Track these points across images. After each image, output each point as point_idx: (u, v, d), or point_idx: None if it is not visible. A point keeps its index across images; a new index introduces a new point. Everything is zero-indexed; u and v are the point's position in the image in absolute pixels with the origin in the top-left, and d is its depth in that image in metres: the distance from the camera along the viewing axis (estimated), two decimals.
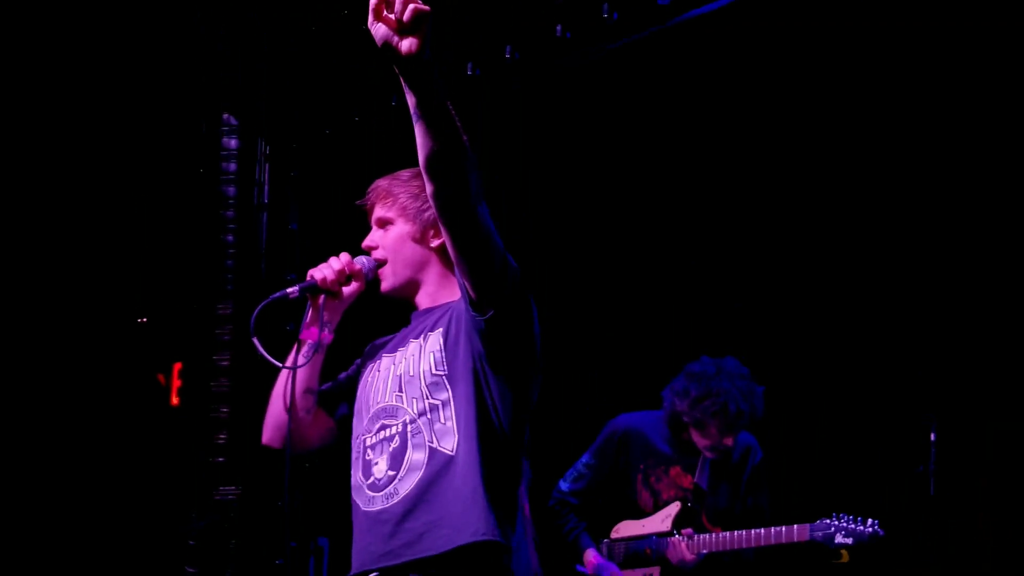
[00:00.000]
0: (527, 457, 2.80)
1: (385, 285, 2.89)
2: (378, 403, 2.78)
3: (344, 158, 4.93)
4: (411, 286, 2.88)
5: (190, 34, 4.81)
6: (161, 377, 5.62)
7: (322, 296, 2.86)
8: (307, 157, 4.86)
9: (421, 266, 2.87)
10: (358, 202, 2.92)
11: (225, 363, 4.60)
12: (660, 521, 4.53)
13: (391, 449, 2.71)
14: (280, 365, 2.83)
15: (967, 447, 5.47)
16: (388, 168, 3.01)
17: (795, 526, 4.38)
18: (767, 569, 4.77)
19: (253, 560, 4.33)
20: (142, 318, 5.77)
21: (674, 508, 4.51)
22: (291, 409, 2.82)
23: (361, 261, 2.89)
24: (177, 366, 5.45)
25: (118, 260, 5.59)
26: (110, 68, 5.09)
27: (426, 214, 2.83)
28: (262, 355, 2.75)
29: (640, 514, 4.60)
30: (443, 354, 2.71)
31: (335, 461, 3.04)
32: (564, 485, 4.69)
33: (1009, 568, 5.53)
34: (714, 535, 4.45)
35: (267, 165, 4.73)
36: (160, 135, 5.20)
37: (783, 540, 4.38)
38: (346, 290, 2.88)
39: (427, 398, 2.70)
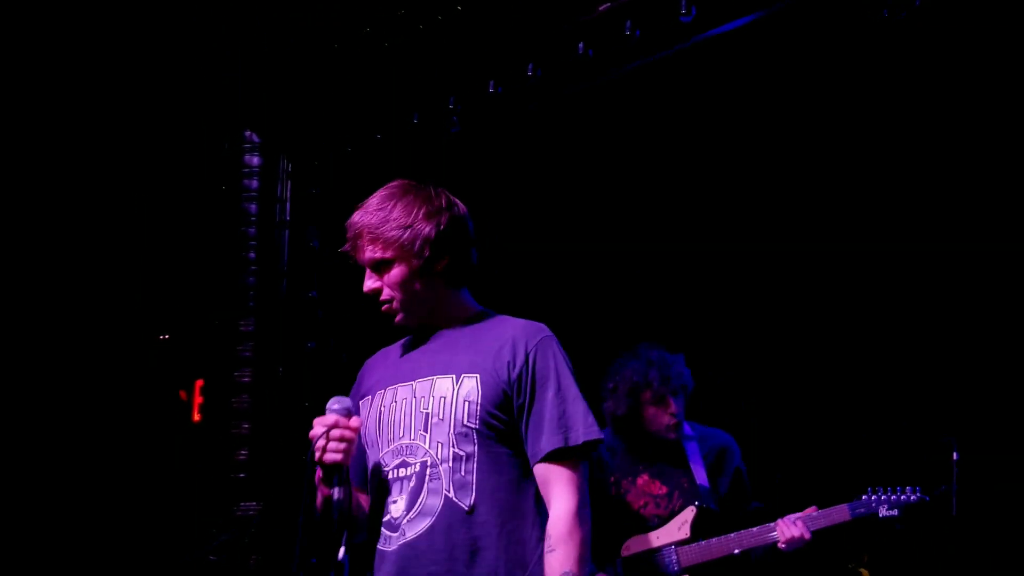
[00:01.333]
0: None
1: (400, 321, 2.76)
2: (400, 438, 2.69)
3: (365, 176, 4.95)
4: (428, 316, 2.77)
5: (213, 53, 4.84)
6: (183, 394, 5.64)
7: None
8: (328, 175, 4.87)
9: (433, 295, 2.75)
10: (342, 249, 2.77)
11: (246, 380, 4.63)
12: (676, 529, 4.29)
13: (409, 488, 2.65)
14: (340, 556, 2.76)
15: (989, 468, 5.44)
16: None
17: (832, 508, 4.23)
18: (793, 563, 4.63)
19: (274, 575, 4.33)
20: (164, 335, 5.80)
21: (689, 513, 4.27)
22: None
23: (344, 405, 2.68)
24: (199, 383, 5.47)
25: (140, 277, 5.62)
26: (134, 86, 5.12)
27: (427, 243, 2.70)
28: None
29: (636, 529, 4.39)
30: (478, 407, 2.63)
31: None
32: None
33: None
34: (740, 535, 4.20)
35: (289, 183, 4.76)
36: (183, 153, 5.22)
37: (822, 525, 4.18)
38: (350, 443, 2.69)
39: (452, 446, 2.63)
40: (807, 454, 5.92)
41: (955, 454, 4.68)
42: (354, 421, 2.62)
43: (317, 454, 2.58)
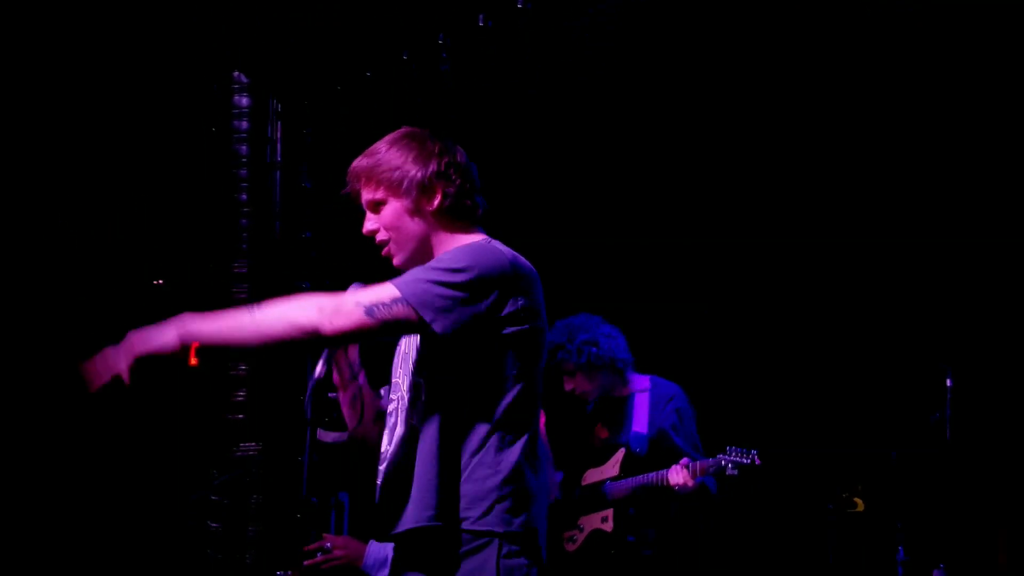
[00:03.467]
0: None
1: (397, 262, 2.82)
2: (395, 378, 2.82)
3: (356, 114, 4.92)
4: (422, 256, 2.80)
5: None
6: None
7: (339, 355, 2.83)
8: (319, 114, 4.85)
9: (425, 235, 2.79)
10: (343, 191, 2.85)
11: None
12: (611, 467, 4.95)
13: (391, 423, 2.76)
14: (341, 438, 2.89)
15: (983, 395, 5.48)
16: (401, 121, 2.99)
17: (699, 462, 4.67)
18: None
19: (274, 515, 4.36)
20: (158, 280, 5.79)
21: (620, 454, 4.92)
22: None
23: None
24: None
25: (132, 224, 5.60)
26: (118, 28, 5.08)
27: (414, 183, 2.76)
28: (327, 441, 2.81)
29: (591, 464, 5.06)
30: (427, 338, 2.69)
31: None
32: None
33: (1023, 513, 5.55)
34: (640, 477, 4.81)
35: (279, 123, 4.73)
36: (171, 95, 5.19)
37: (690, 481, 4.62)
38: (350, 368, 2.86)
39: (413, 375, 2.72)
40: (801, 385, 5.95)
41: (949, 381, 4.71)
42: None
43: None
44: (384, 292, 2.58)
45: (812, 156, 5.81)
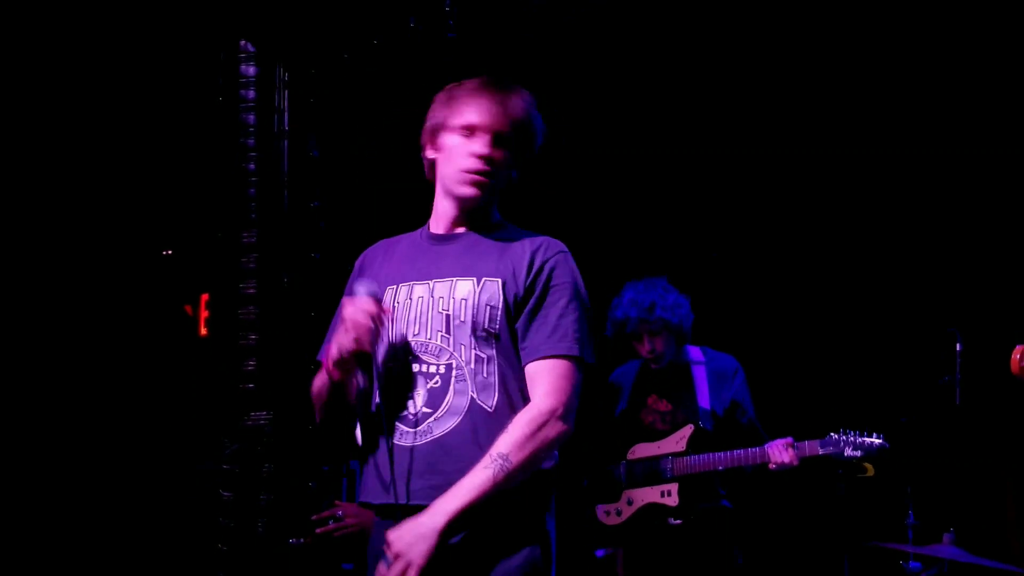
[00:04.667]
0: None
1: (471, 193, 2.82)
2: (416, 336, 2.75)
3: (364, 82, 4.91)
4: (488, 202, 2.87)
5: None
6: (188, 308, 5.66)
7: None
8: (326, 82, 4.83)
9: (498, 191, 2.88)
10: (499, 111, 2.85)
11: (251, 291, 4.62)
12: (675, 443, 4.81)
13: (429, 387, 2.71)
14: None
15: (992, 359, 5.47)
16: (408, 89, 3.00)
17: (805, 442, 4.62)
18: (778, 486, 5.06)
19: (286, 484, 4.38)
20: (167, 251, 5.79)
21: (687, 430, 4.80)
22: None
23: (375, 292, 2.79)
24: (204, 297, 5.49)
25: (140, 194, 5.60)
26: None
27: (527, 152, 2.87)
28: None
29: (643, 439, 4.90)
30: (499, 313, 2.72)
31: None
32: None
33: None
34: (726, 454, 4.71)
35: (286, 92, 4.71)
36: (178, 65, 5.18)
37: (795, 459, 4.61)
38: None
39: (474, 348, 2.71)
40: (811, 350, 5.95)
41: (959, 345, 4.71)
42: (385, 306, 2.73)
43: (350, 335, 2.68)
44: (564, 371, 2.68)
45: (825, 124, 5.78)
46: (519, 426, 2.62)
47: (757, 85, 5.63)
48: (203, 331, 5.44)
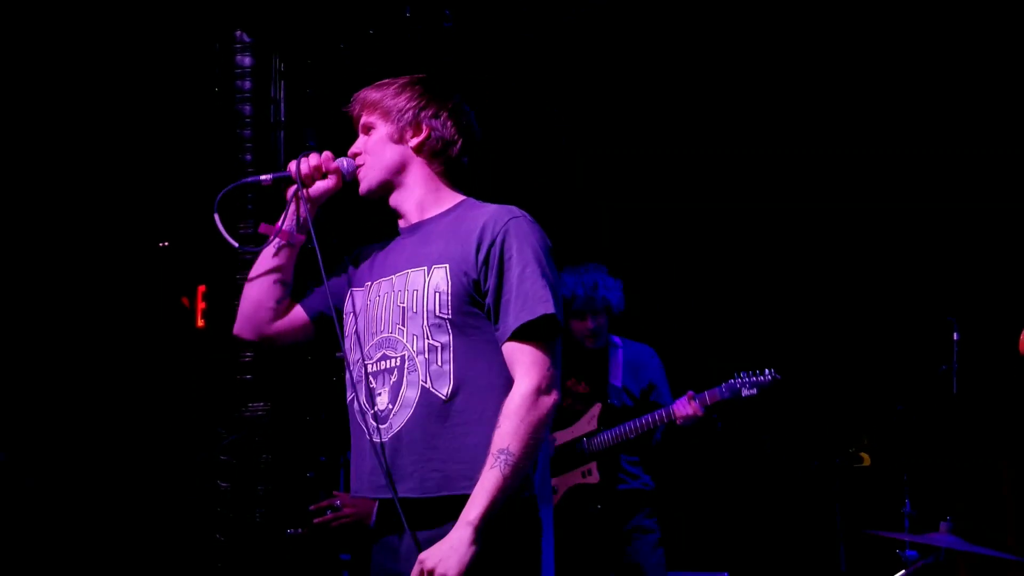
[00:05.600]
0: None
1: (362, 187, 2.89)
2: (380, 332, 2.77)
3: (360, 72, 4.90)
4: (389, 189, 2.87)
5: None
6: (185, 300, 5.65)
7: (294, 187, 2.89)
8: (322, 73, 4.82)
9: (400, 168, 2.86)
10: (344, 108, 2.92)
11: None
12: (587, 423, 4.94)
13: (391, 381, 2.72)
14: (233, 243, 2.91)
15: (989, 348, 5.48)
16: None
17: (705, 392, 4.72)
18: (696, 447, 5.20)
19: (284, 474, 4.38)
20: (164, 242, 5.79)
21: (596, 409, 4.94)
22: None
23: (341, 161, 2.92)
24: (201, 288, 5.49)
25: (137, 186, 5.60)
26: None
27: (406, 115, 2.85)
28: (220, 232, 2.79)
29: (561, 423, 5.02)
30: (448, 296, 2.69)
31: None
32: None
33: None
34: (634, 421, 4.83)
35: (282, 82, 4.70)
36: (174, 55, 5.17)
37: (699, 410, 4.67)
38: (320, 185, 2.90)
39: (427, 337, 2.69)
40: (808, 339, 5.95)
41: (956, 334, 4.72)
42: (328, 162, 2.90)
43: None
44: (536, 345, 2.64)
45: (824, 108, 5.78)
46: (508, 416, 2.59)
47: (754, 78, 5.63)
48: (200, 322, 5.44)
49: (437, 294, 2.69)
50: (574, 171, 6.04)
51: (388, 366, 2.73)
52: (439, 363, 2.67)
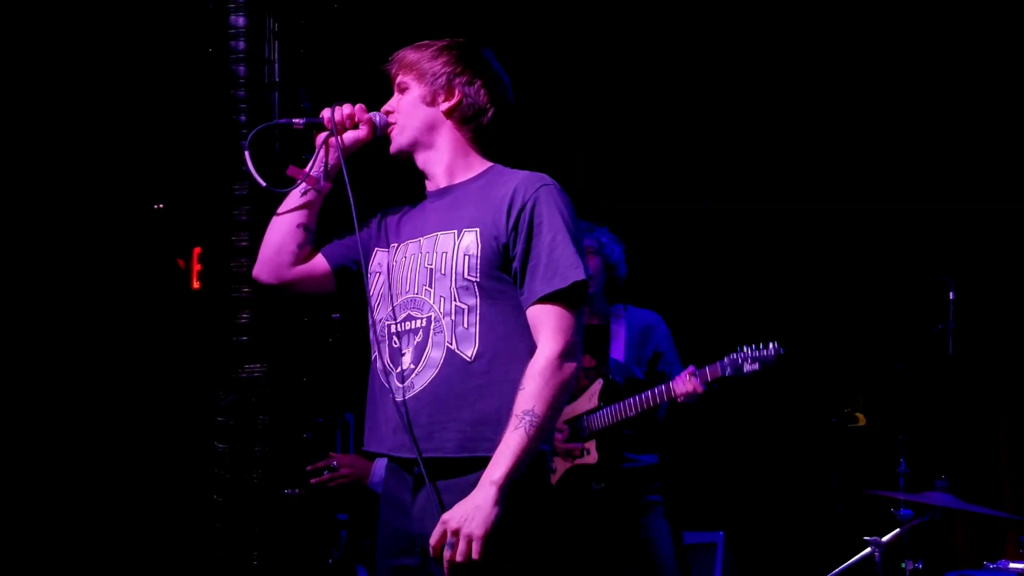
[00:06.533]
0: None
1: (393, 146, 2.93)
2: (406, 293, 2.79)
3: (354, 32, 4.87)
4: (420, 149, 2.91)
5: None
6: (181, 262, 5.64)
7: (325, 134, 2.92)
8: (316, 33, 4.79)
9: (430, 129, 2.90)
10: (382, 66, 2.96)
11: (244, 243, 4.59)
12: (587, 400, 4.78)
13: (415, 342, 2.74)
14: (261, 182, 2.95)
15: (985, 307, 5.49)
16: (399, 41, 3.01)
17: (705, 367, 4.58)
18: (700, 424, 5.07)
19: (281, 435, 4.39)
20: (159, 204, 5.77)
21: (597, 385, 4.77)
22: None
23: (375, 114, 2.95)
24: (196, 250, 5.48)
25: (131, 148, 5.57)
26: None
27: (440, 79, 2.88)
28: (249, 170, 2.80)
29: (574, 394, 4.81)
30: (478, 260, 2.72)
31: (359, 337, 3.06)
32: None
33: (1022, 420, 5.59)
34: (634, 398, 4.67)
35: (276, 43, 4.66)
36: (167, 16, 5.14)
37: (699, 386, 4.54)
38: (351, 134, 2.94)
39: (455, 299, 2.71)
40: (804, 300, 5.96)
41: (952, 293, 4.72)
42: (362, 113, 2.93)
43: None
44: (561, 310, 2.67)
45: (820, 73, 5.77)
46: (533, 377, 2.62)
47: (753, 76, 5.62)
48: (196, 284, 5.44)
49: (467, 257, 2.72)
50: (574, 171, 6.02)
51: (413, 327, 2.75)
52: (465, 325, 2.69)
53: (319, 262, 2.98)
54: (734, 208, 6.14)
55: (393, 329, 2.78)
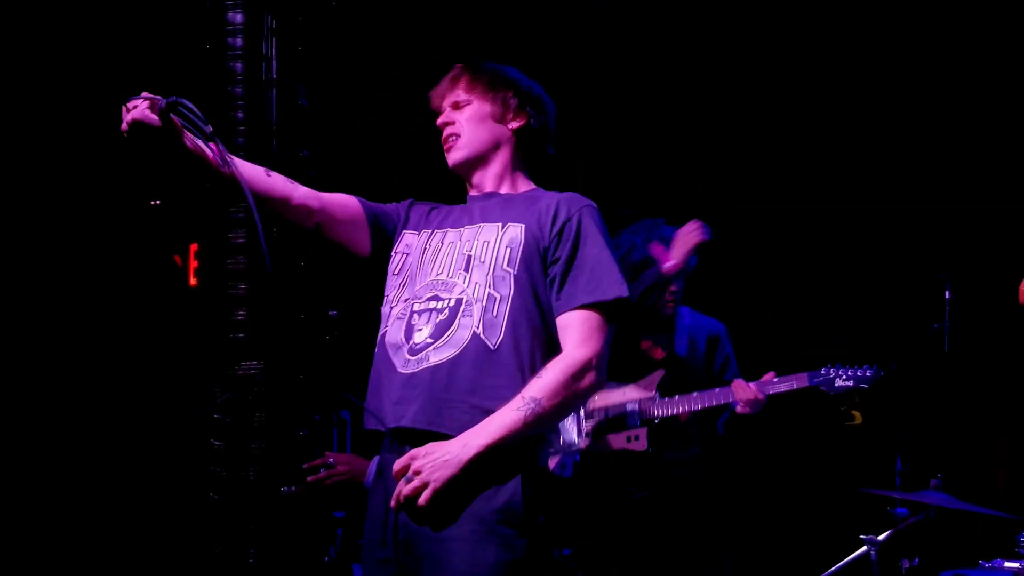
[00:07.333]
0: None
1: (453, 157, 2.96)
2: (437, 275, 2.83)
3: (352, 30, 4.87)
4: (480, 163, 2.97)
5: None
6: (178, 258, 5.64)
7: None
8: (314, 30, 4.79)
9: (496, 145, 2.97)
10: (444, 77, 2.99)
11: (241, 240, 4.60)
12: (644, 387, 4.72)
13: (438, 320, 2.76)
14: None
15: (981, 306, 5.49)
16: (398, 40, 3.01)
17: (793, 376, 4.55)
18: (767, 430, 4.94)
19: (278, 433, 4.39)
20: (156, 201, 5.77)
21: (657, 375, 4.72)
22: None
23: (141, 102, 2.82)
24: (193, 247, 5.47)
25: (127, 144, 5.56)
26: None
27: (512, 100, 2.97)
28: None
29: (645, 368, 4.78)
30: (519, 254, 2.77)
31: (357, 336, 3.07)
32: None
33: (1020, 421, 5.59)
34: (693, 396, 4.63)
35: (274, 40, 4.66)
36: (165, 12, 5.13)
37: (782, 390, 4.53)
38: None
39: (489, 287, 2.75)
40: (800, 297, 5.96)
41: (948, 292, 4.72)
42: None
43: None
44: (598, 322, 2.71)
45: (817, 73, 5.77)
46: (554, 372, 2.67)
47: (752, 75, 5.62)
48: (193, 281, 5.43)
49: (508, 248, 2.78)
50: (574, 171, 6.02)
51: (439, 306, 2.78)
52: (494, 313, 2.73)
53: (350, 202, 2.97)
54: (729, 207, 6.14)
55: (414, 307, 2.81)
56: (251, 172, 2.85)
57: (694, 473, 4.78)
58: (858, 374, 4.52)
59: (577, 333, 2.72)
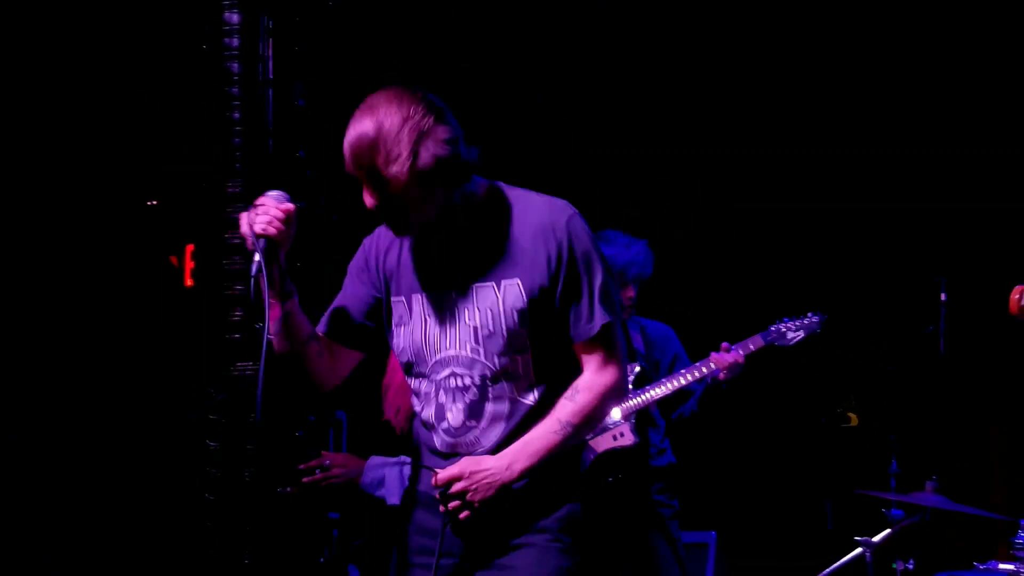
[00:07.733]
0: None
1: (398, 235, 2.78)
2: (446, 350, 2.76)
3: (348, 30, 4.87)
4: (422, 223, 2.74)
5: None
6: (174, 259, 5.64)
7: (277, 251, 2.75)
8: (311, 30, 4.79)
9: (422, 200, 2.67)
10: (346, 170, 2.73)
11: (237, 241, 4.59)
12: None
13: (467, 400, 2.75)
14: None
15: (976, 308, 5.50)
16: (396, 40, 2.97)
17: (748, 339, 4.57)
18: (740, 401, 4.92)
19: (273, 433, 4.38)
20: (152, 201, 5.77)
21: (631, 368, 4.70)
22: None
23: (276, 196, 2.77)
24: (189, 247, 5.47)
25: (124, 144, 5.57)
26: None
27: (403, 157, 2.62)
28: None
29: None
30: (527, 314, 2.72)
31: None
32: None
33: (1016, 420, 5.60)
34: (670, 376, 4.68)
35: (270, 40, 4.65)
36: (161, 12, 5.13)
37: (740, 357, 4.53)
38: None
39: (509, 355, 2.73)
40: (795, 299, 5.97)
41: (943, 294, 4.73)
42: (285, 205, 2.73)
43: (247, 224, 2.70)
44: (612, 341, 2.75)
45: (815, 74, 5.77)
46: (584, 394, 2.73)
47: (751, 75, 5.62)
48: (189, 281, 5.43)
49: (515, 312, 2.72)
50: (573, 171, 6.02)
51: (462, 384, 2.76)
52: (522, 373, 2.74)
53: (347, 354, 2.92)
54: (726, 207, 6.14)
55: (438, 384, 2.78)
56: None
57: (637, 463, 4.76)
58: (805, 323, 4.55)
59: (599, 357, 2.75)
